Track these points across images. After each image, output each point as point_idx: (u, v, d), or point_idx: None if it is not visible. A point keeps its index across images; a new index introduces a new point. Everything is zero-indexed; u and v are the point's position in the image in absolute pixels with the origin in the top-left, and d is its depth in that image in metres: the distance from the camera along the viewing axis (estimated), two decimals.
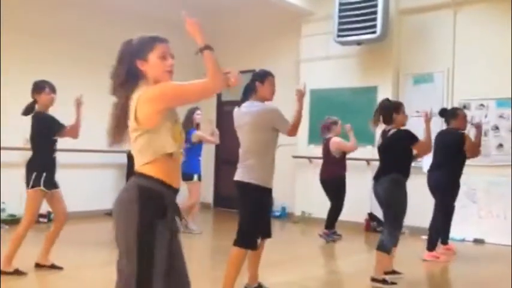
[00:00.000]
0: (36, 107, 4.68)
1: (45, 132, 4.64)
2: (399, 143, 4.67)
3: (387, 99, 4.93)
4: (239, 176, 3.87)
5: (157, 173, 2.21)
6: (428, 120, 4.95)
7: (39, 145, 4.65)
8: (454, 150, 5.66)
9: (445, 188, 5.69)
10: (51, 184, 4.63)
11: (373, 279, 4.53)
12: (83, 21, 8.07)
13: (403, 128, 4.75)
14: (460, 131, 5.75)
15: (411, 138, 4.67)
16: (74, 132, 4.78)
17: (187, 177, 6.65)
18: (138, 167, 2.24)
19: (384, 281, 4.50)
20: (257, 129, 3.82)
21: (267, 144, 3.85)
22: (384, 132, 4.80)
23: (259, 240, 3.89)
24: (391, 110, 4.71)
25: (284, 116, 3.88)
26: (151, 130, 2.20)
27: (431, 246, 5.69)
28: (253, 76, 3.99)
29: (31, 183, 4.54)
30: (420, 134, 4.94)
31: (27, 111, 4.66)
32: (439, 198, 5.71)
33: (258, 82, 3.92)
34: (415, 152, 4.78)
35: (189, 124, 6.76)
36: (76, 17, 8.00)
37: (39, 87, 4.66)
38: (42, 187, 4.53)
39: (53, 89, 4.70)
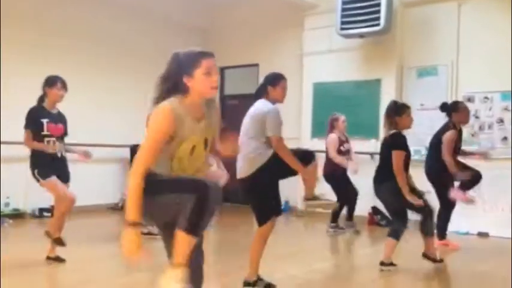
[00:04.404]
0: (46, 101, 4.63)
1: (33, 124, 4.56)
2: (387, 148, 4.70)
3: (394, 102, 4.96)
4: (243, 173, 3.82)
5: None
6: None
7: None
8: (438, 139, 5.67)
9: (437, 177, 5.73)
10: (46, 175, 4.56)
11: (382, 263, 4.69)
12: (89, 16, 8.04)
13: (403, 131, 4.74)
14: (448, 123, 5.70)
15: (393, 145, 4.64)
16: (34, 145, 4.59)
17: None
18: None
19: (392, 264, 4.69)
20: (255, 128, 3.79)
21: (264, 144, 3.78)
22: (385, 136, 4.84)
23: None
24: (393, 113, 4.73)
25: (279, 124, 3.77)
26: None
27: (441, 235, 5.82)
28: (265, 79, 3.98)
29: (37, 179, 4.57)
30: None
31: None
32: (435, 188, 5.80)
33: (270, 86, 3.91)
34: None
35: None
36: (81, 11, 7.97)
37: (51, 81, 4.61)
38: (41, 180, 4.55)
39: (64, 86, 4.63)
